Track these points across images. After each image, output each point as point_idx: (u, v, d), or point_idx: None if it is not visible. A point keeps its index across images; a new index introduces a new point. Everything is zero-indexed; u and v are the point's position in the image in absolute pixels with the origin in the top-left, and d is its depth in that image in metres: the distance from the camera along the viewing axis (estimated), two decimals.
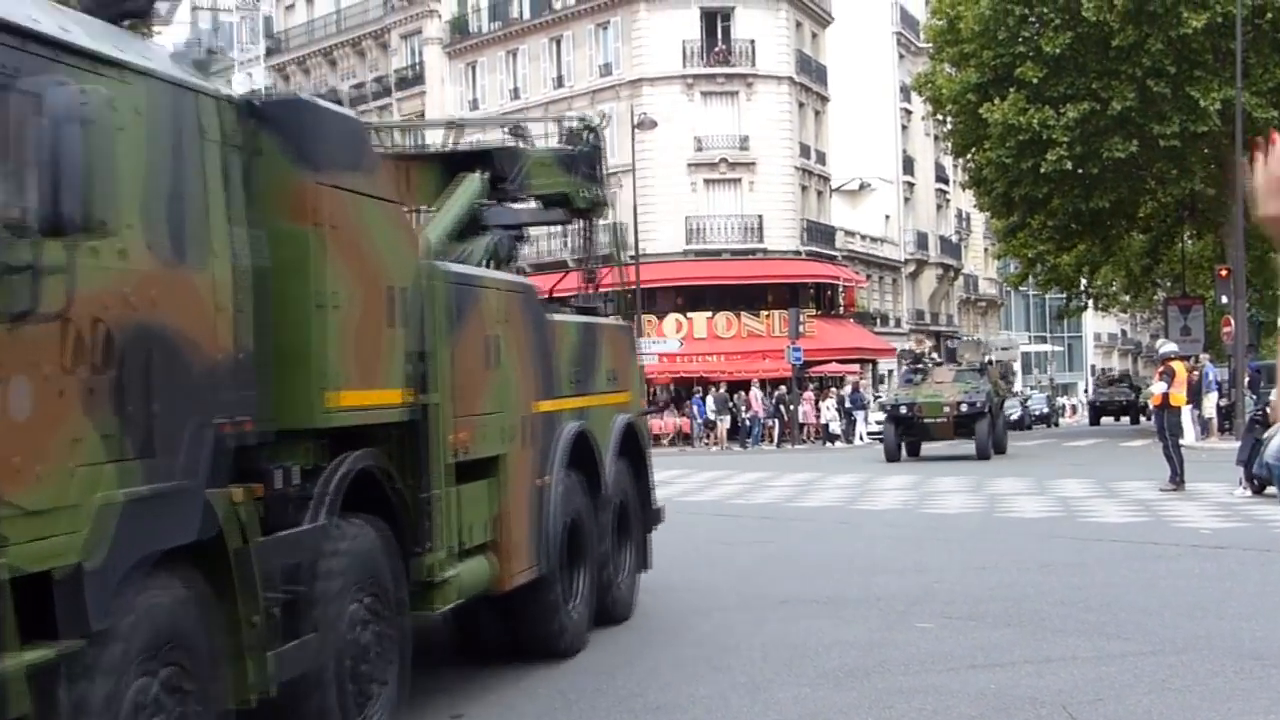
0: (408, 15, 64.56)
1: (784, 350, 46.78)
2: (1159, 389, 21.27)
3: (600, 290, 11.14)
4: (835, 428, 46.53)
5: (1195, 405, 32.94)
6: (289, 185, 6.07)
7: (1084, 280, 57.58)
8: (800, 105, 58.09)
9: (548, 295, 9.98)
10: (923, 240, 73.94)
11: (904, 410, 31.65)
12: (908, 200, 72.66)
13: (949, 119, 47.30)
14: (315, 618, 5.97)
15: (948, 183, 76.55)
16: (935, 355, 35.27)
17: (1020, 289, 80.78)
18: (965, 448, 31.72)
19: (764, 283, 54.75)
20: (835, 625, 9.96)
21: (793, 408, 46.65)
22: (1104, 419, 61.08)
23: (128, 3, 5.48)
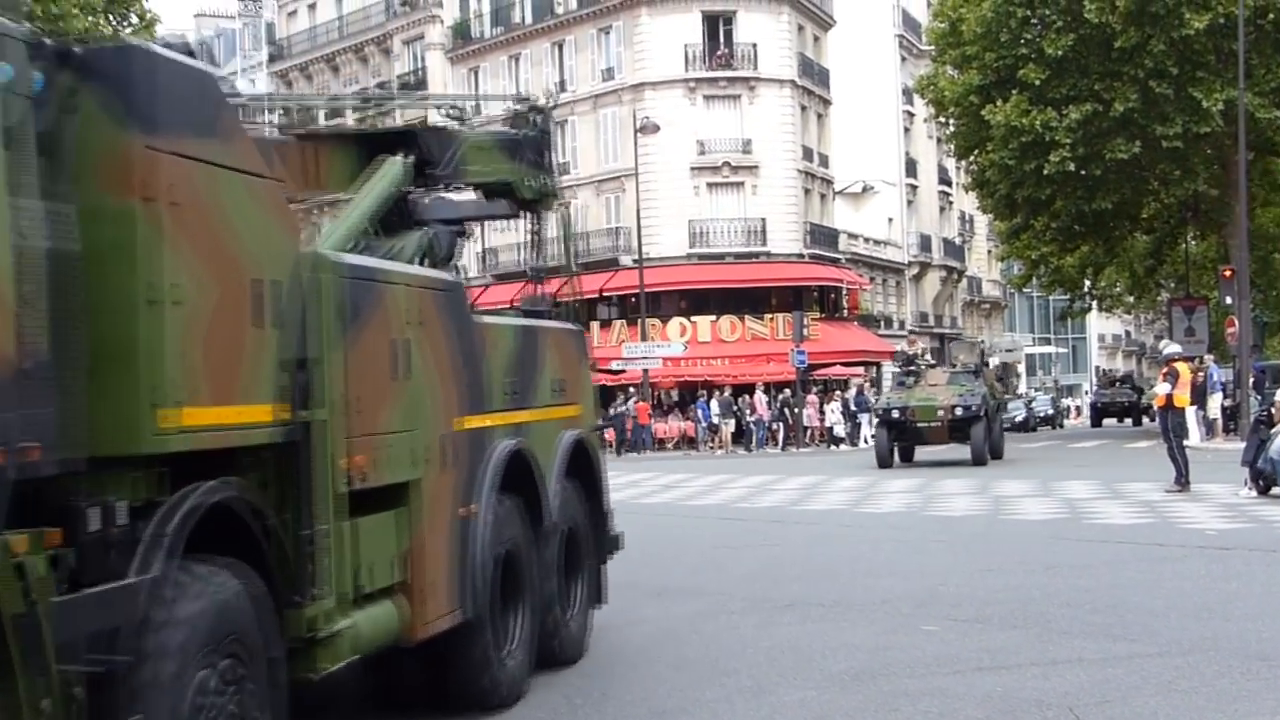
0: (410, 20, 64.63)
1: (788, 353, 46.79)
2: (1163, 390, 21.26)
3: (553, 293, 10.08)
4: (840, 431, 46.50)
5: (1200, 406, 32.93)
6: (112, 150, 4.90)
7: (1088, 282, 57.55)
8: (803, 108, 58.12)
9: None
10: (926, 242, 73.94)
11: (896, 414, 30.40)
12: (911, 203, 72.67)
13: (951, 121, 47.31)
14: (143, 693, 4.72)
15: (950, 185, 76.56)
16: (929, 357, 34.31)
17: (1024, 291, 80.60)
18: (960, 453, 30.67)
19: (767, 286, 54.78)
20: (841, 628, 9.95)
21: (797, 411, 46.64)
22: (1106, 420, 60.57)
23: None
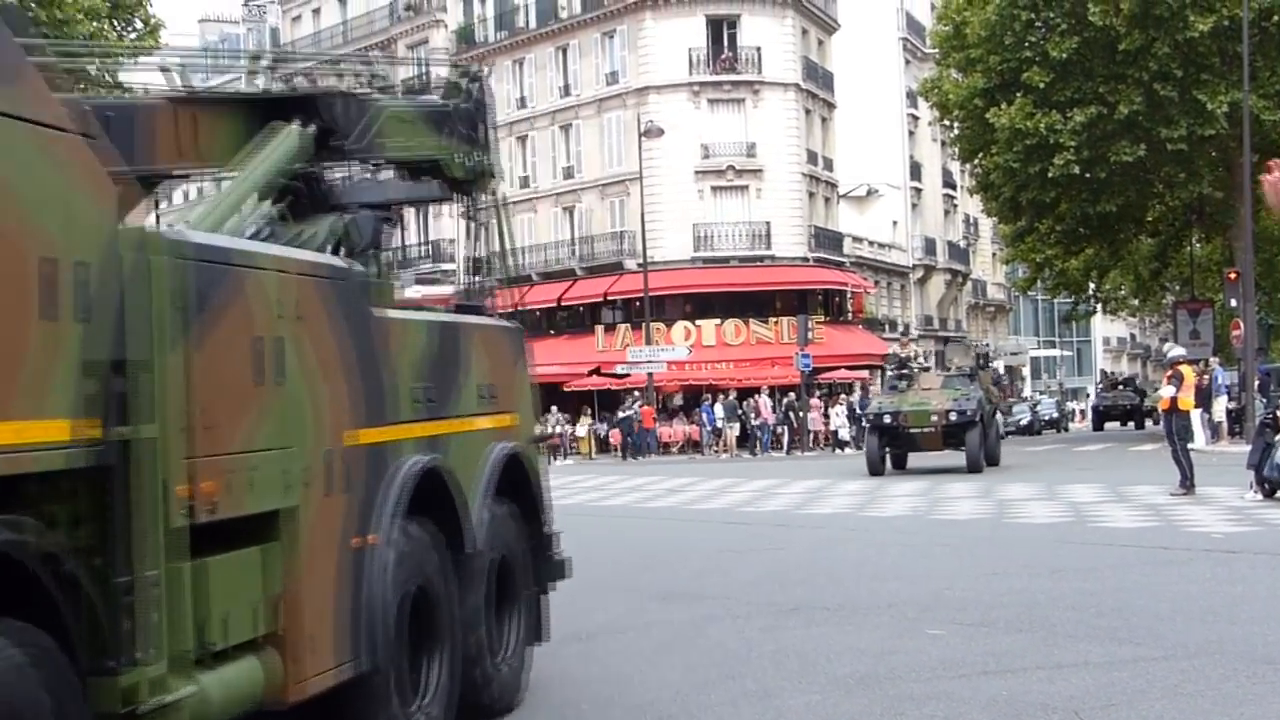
0: (414, 25, 64.71)
1: (793, 357, 46.82)
2: (1167, 393, 21.27)
3: (491, 287, 8.91)
4: (845, 434, 46.49)
5: (1205, 409, 32.92)
6: None
7: (1092, 284, 57.52)
8: (807, 112, 58.15)
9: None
10: (930, 246, 73.95)
11: (888, 419, 28.94)
12: (915, 206, 72.68)
13: (956, 124, 47.35)
14: None
15: (955, 188, 76.54)
16: (922, 360, 33.24)
17: (1029, 294, 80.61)
18: (956, 460, 29.17)
19: (772, 289, 54.81)
20: (846, 632, 9.94)
21: (802, 415, 46.64)
22: (1108, 424, 59.93)
23: None
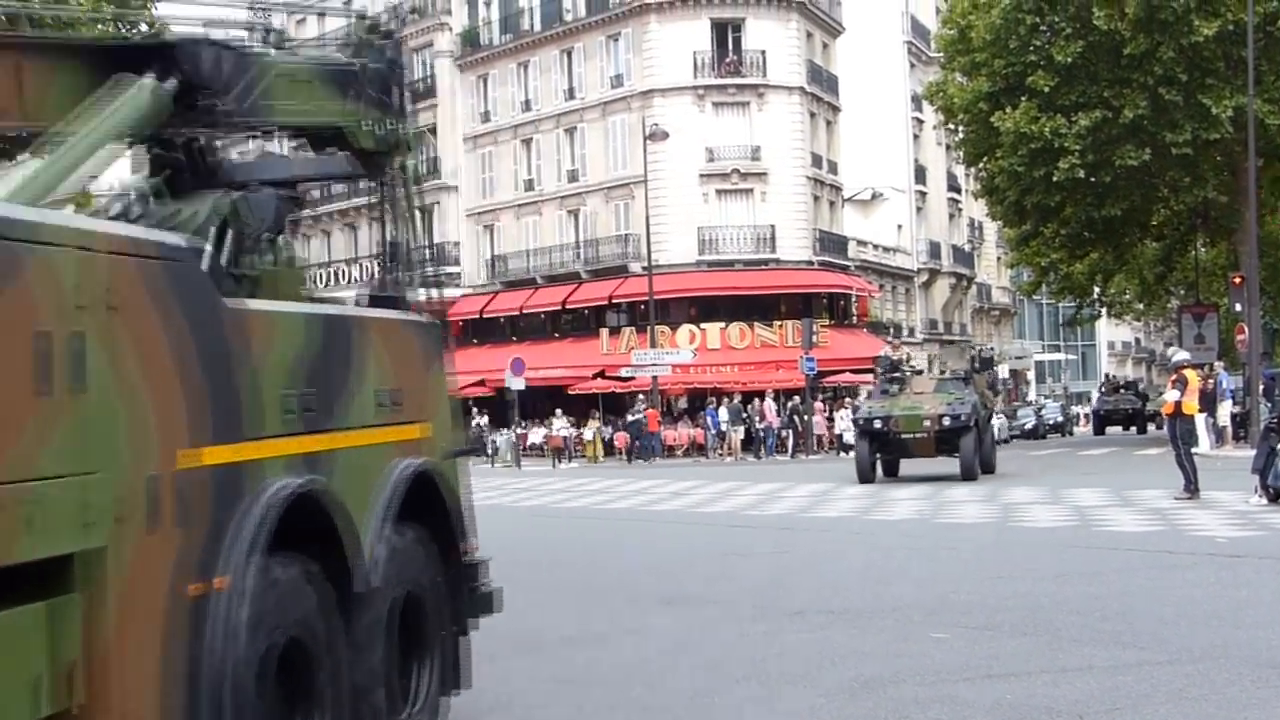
0: (419, 28, 64.70)
1: (797, 360, 46.84)
2: (1172, 397, 21.28)
3: (411, 274, 7.45)
4: (849, 438, 46.45)
5: (1210, 413, 32.90)
6: None
7: (1097, 288, 57.51)
8: (811, 115, 58.16)
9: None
10: (935, 249, 73.95)
11: (878, 424, 27.71)
12: (920, 209, 72.68)
13: (961, 128, 47.38)
14: None
15: (960, 191, 76.56)
16: (914, 363, 32.07)
17: (1033, 298, 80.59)
18: (949, 466, 27.96)
19: (777, 293, 54.83)
20: (851, 636, 9.95)
21: (806, 418, 46.65)
22: (1110, 428, 59.46)
23: None
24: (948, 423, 27.27)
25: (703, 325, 54.24)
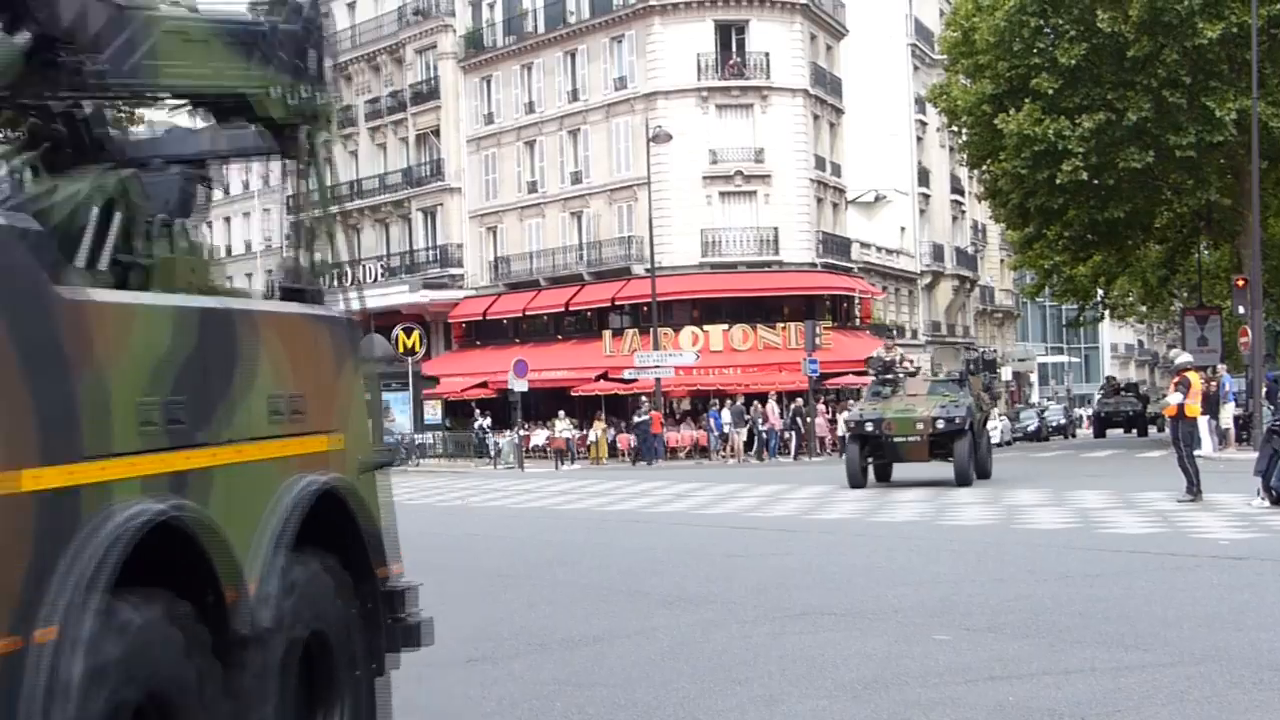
0: (422, 30, 64.79)
1: (800, 362, 46.85)
2: (1175, 400, 21.30)
3: (324, 262, 6.56)
4: None
5: (1212, 416, 32.90)
6: None
7: (1100, 291, 57.48)
8: (815, 117, 58.17)
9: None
10: (938, 252, 73.93)
11: (870, 427, 26.59)
12: (923, 212, 72.68)
13: (964, 130, 47.39)
14: None
15: (963, 194, 76.57)
16: (908, 364, 30.32)
17: (1037, 300, 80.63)
18: (943, 471, 26.99)
19: (780, 295, 54.83)
20: (853, 637, 9.95)
21: (809, 420, 46.64)
22: (1110, 431, 59.14)
23: None
24: (941, 426, 26.19)
25: (705, 327, 54.23)
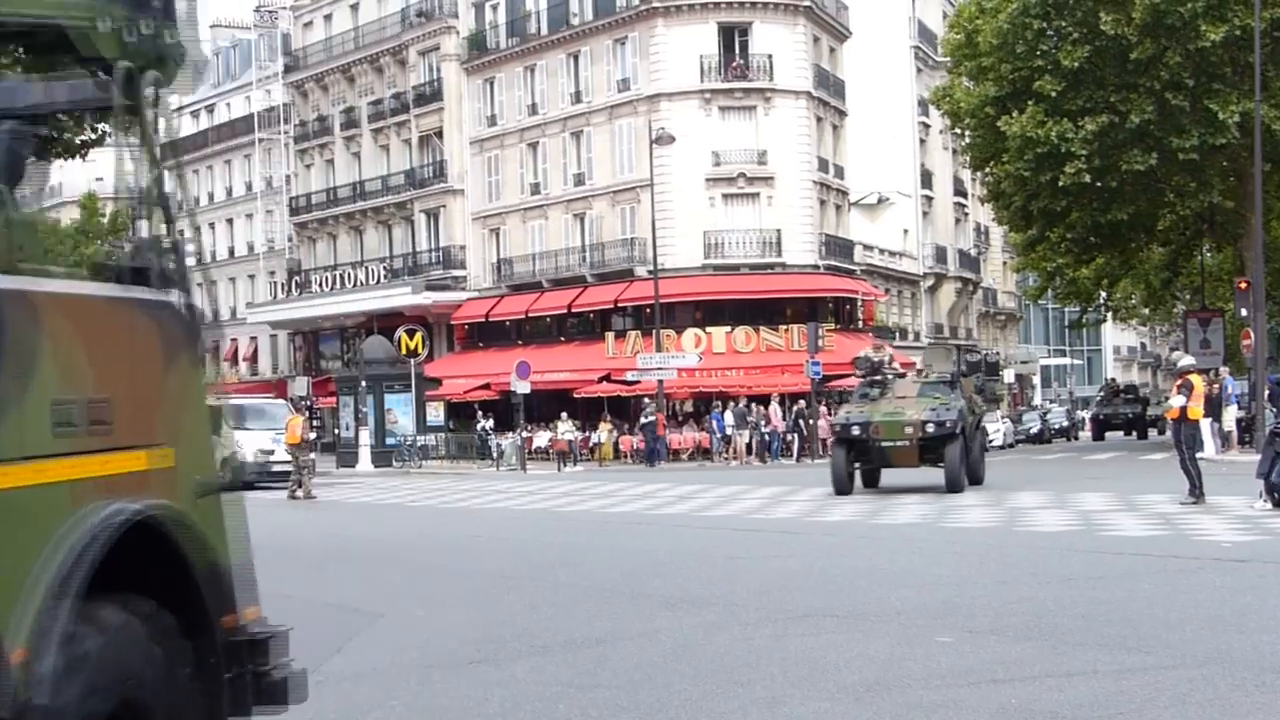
0: (426, 32, 64.82)
1: (803, 364, 46.84)
2: (1177, 402, 21.29)
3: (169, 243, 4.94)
4: None
5: (1215, 418, 32.90)
6: None
7: (1103, 293, 57.45)
8: (818, 119, 58.19)
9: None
10: (941, 254, 73.93)
11: (856, 431, 25.22)
12: (926, 214, 72.68)
13: (967, 132, 47.41)
14: None
15: (966, 196, 76.57)
16: (897, 365, 28.54)
17: (1039, 302, 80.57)
18: (933, 477, 25.73)
19: (783, 297, 54.84)
20: (855, 640, 9.95)
21: (812, 422, 46.62)
22: (1109, 434, 58.84)
23: None
24: (931, 430, 24.77)
25: (708, 329, 54.25)
